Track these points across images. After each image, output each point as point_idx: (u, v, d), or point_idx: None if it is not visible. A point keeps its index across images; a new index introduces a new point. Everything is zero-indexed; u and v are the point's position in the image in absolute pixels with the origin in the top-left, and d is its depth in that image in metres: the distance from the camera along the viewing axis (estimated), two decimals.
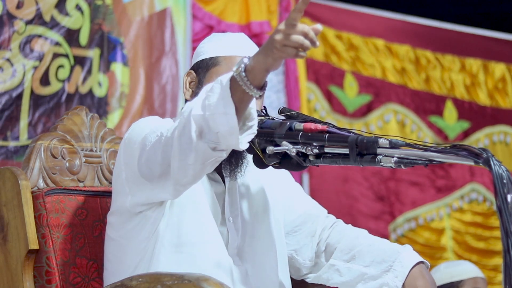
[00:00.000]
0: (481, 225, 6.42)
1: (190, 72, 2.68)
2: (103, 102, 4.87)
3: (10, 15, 4.42)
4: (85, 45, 4.77)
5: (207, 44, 2.68)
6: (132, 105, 5.01)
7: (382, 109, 6.25)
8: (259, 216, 2.70)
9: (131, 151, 2.48)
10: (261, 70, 2.22)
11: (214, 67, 2.63)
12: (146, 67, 5.04)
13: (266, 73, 2.23)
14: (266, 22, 5.65)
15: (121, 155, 2.54)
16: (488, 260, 6.38)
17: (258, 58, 2.22)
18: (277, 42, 2.19)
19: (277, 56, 2.20)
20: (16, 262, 2.65)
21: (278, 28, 2.22)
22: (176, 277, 2.29)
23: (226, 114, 2.20)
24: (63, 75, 4.66)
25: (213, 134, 2.24)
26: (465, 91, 6.59)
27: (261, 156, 2.53)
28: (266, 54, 2.20)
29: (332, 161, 2.44)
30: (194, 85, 2.67)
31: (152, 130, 2.42)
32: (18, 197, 2.66)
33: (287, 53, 2.20)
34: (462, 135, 6.54)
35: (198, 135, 2.26)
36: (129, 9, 5.03)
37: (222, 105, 2.21)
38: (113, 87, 4.93)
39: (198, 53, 2.69)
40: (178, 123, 2.32)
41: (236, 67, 2.22)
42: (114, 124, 4.88)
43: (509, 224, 2.05)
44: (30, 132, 4.45)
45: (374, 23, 6.29)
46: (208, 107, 2.23)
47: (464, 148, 2.20)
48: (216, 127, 2.23)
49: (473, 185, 6.46)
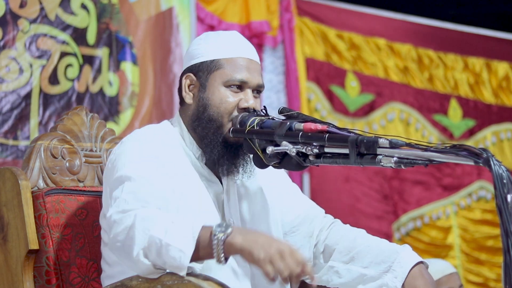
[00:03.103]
0: (491, 222, 6.40)
1: (188, 75, 2.65)
2: (114, 102, 4.87)
3: (13, 14, 4.42)
4: (93, 44, 4.78)
5: (204, 45, 2.66)
6: (142, 104, 5.02)
7: (385, 107, 6.24)
8: (258, 217, 2.70)
9: (106, 193, 2.53)
10: (237, 251, 2.22)
11: (217, 70, 2.62)
12: (155, 66, 5.04)
13: (239, 254, 2.22)
14: (266, 22, 5.64)
15: (105, 182, 2.58)
16: (498, 258, 6.36)
17: (245, 242, 2.20)
18: (276, 256, 2.17)
19: (262, 259, 2.18)
20: (16, 262, 2.65)
21: (292, 251, 2.20)
22: (176, 277, 2.29)
23: (183, 252, 2.22)
24: (72, 74, 4.67)
25: (161, 261, 2.27)
26: (469, 90, 6.58)
27: (261, 156, 2.53)
28: (254, 247, 2.19)
29: (332, 161, 2.44)
30: (195, 88, 2.65)
31: (123, 197, 2.42)
32: (18, 197, 2.66)
33: (271, 268, 2.18)
34: (468, 133, 6.53)
35: (144, 254, 2.28)
36: (136, 8, 5.04)
37: (183, 244, 2.22)
38: (124, 86, 4.93)
39: (194, 55, 2.67)
40: (132, 225, 2.31)
41: (220, 230, 2.22)
42: (126, 123, 4.89)
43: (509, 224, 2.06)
44: (40, 131, 4.46)
45: (376, 22, 6.28)
46: (169, 237, 2.24)
47: (464, 148, 2.19)
48: (168, 259, 2.24)
49: (481, 183, 6.45)
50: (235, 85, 2.61)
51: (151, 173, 2.47)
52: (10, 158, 4.37)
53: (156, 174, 2.48)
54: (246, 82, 2.61)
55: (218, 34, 2.71)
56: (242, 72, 2.61)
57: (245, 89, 2.61)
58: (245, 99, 2.60)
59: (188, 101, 2.65)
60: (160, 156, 2.53)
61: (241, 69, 2.61)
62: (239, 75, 2.60)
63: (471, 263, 6.31)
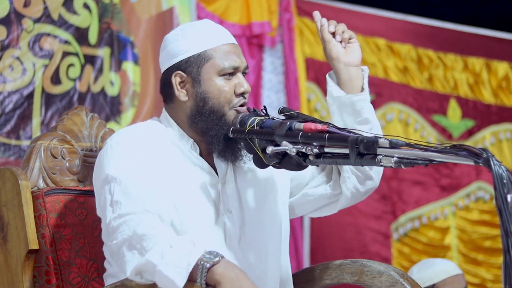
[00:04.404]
0: (489, 223, 6.40)
1: (177, 73, 2.65)
2: (116, 101, 4.87)
3: (17, 13, 4.43)
4: (95, 44, 4.78)
5: (183, 41, 2.65)
6: (144, 104, 5.02)
7: (385, 108, 6.24)
8: (260, 206, 2.69)
9: (97, 198, 2.55)
10: (216, 282, 2.25)
11: (207, 62, 2.62)
12: (156, 66, 5.04)
13: (217, 285, 2.26)
14: (266, 23, 5.64)
15: (94, 184, 2.59)
16: (495, 259, 6.35)
17: (224, 277, 2.25)
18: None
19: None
20: (16, 262, 2.65)
21: None
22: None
23: (174, 283, 2.25)
24: (74, 74, 4.67)
25: (153, 281, 2.31)
26: (469, 90, 6.58)
27: (261, 156, 2.53)
28: (230, 285, 2.25)
29: (332, 161, 2.44)
30: (187, 84, 2.65)
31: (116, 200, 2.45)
32: (18, 197, 2.66)
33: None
34: (467, 134, 6.53)
35: (137, 273, 2.33)
36: (137, 8, 5.04)
37: (176, 275, 2.25)
38: (126, 86, 4.93)
39: (176, 52, 2.66)
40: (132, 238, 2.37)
41: (208, 257, 2.26)
42: (128, 123, 4.89)
43: (509, 224, 2.05)
44: (43, 131, 4.46)
45: (375, 23, 6.28)
46: (164, 265, 2.27)
47: (464, 148, 2.19)
48: (160, 284, 2.28)
49: (480, 183, 6.45)
50: (228, 73, 2.62)
51: (138, 171, 2.49)
52: (13, 158, 4.37)
53: (143, 171, 2.50)
54: (238, 67, 2.64)
55: (193, 27, 2.70)
56: (232, 58, 2.63)
57: (236, 73, 2.64)
58: (239, 84, 2.62)
59: (183, 98, 2.64)
60: (147, 152, 2.54)
61: (230, 56, 2.63)
62: (230, 63, 2.62)
63: (468, 263, 6.30)
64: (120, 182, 2.46)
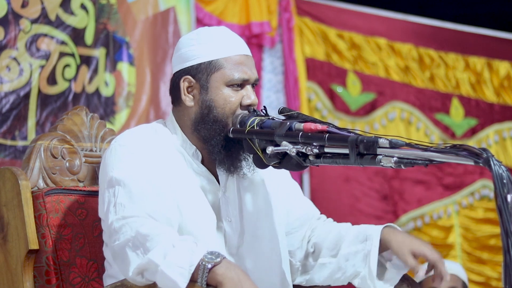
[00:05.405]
0: (494, 221, 6.39)
1: (186, 77, 2.63)
2: (110, 102, 4.86)
3: (15, 14, 4.42)
4: (91, 45, 4.77)
5: (197, 46, 2.64)
6: (139, 104, 5.01)
7: (387, 107, 6.24)
8: (261, 215, 2.70)
9: (101, 200, 2.56)
10: (218, 282, 2.26)
11: (217, 71, 2.61)
12: (152, 67, 5.04)
13: (219, 285, 2.28)
14: (266, 23, 5.64)
15: (100, 185, 2.60)
16: (499, 257, 6.35)
17: (226, 278, 2.26)
18: None
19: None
20: (16, 262, 2.65)
21: None
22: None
23: (176, 284, 2.26)
24: (70, 74, 4.67)
25: (155, 281, 2.32)
26: (471, 89, 6.58)
27: (261, 156, 2.54)
28: (232, 285, 2.26)
29: (332, 161, 2.44)
30: (194, 90, 2.63)
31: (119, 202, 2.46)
32: (18, 197, 2.66)
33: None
34: (470, 132, 6.53)
35: (139, 273, 2.34)
36: (134, 9, 5.03)
37: (178, 275, 2.26)
38: (120, 86, 4.92)
39: (189, 57, 2.65)
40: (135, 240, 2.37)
41: (210, 258, 2.28)
42: (122, 124, 4.88)
43: (509, 224, 2.06)
44: (38, 132, 4.45)
45: (376, 22, 6.27)
46: (166, 265, 2.28)
47: (464, 148, 2.19)
48: (161, 284, 2.30)
49: (484, 181, 6.45)
50: (236, 84, 2.61)
51: (142, 175, 2.49)
52: (8, 158, 4.37)
53: (148, 175, 2.49)
54: (247, 80, 2.62)
55: (208, 33, 2.69)
56: (242, 70, 2.61)
57: (245, 85, 2.63)
58: (247, 95, 2.61)
59: (188, 103, 2.63)
60: (150, 155, 2.54)
61: (241, 68, 2.61)
62: (240, 74, 2.61)
63: (473, 262, 6.30)
64: (125, 185, 2.46)
